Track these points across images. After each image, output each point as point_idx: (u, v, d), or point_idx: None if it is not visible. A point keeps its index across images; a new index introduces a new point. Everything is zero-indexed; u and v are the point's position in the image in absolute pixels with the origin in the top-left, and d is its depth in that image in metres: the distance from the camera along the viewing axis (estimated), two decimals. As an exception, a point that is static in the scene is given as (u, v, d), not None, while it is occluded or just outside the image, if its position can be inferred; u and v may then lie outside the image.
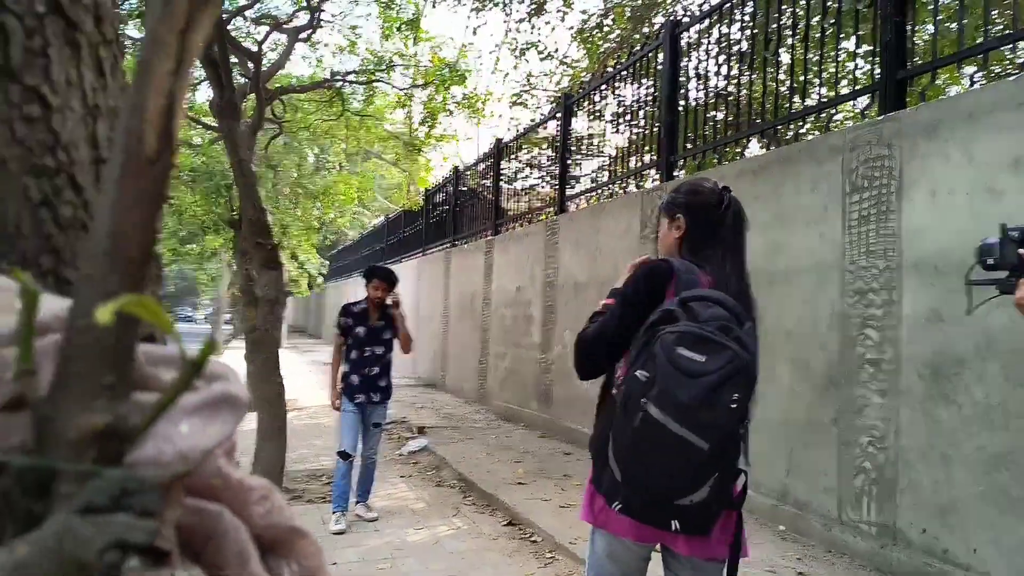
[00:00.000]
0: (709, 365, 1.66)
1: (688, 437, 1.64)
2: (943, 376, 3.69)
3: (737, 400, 1.67)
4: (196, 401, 0.32)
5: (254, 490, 0.38)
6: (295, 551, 0.39)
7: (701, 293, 1.82)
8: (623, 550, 1.95)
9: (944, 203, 3.74)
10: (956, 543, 3.57)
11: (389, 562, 4.18)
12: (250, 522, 0.37)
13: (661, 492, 1.72)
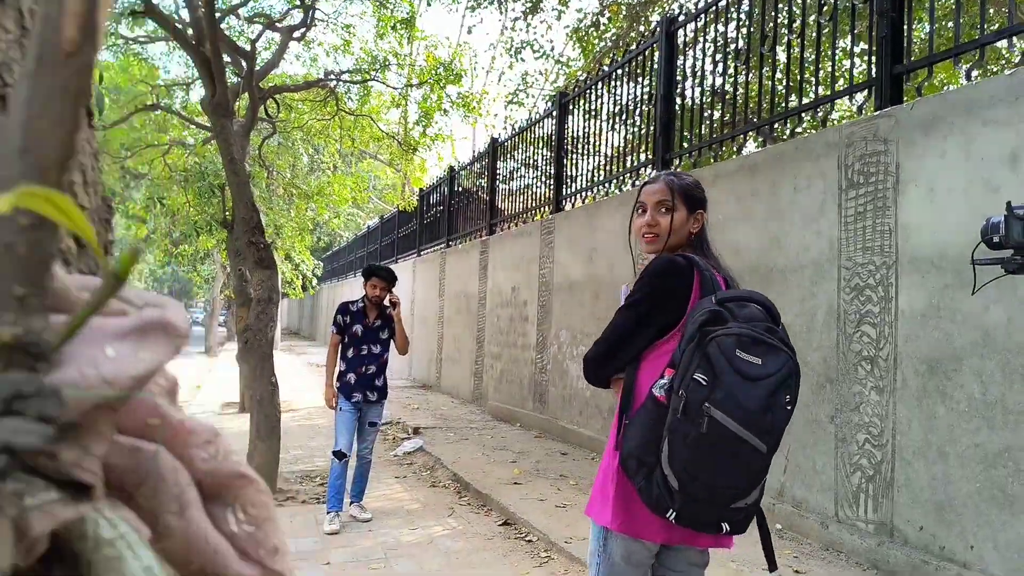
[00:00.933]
0: (768, 368, 1.67)
1: (752, 441, 1.65)
2: (940, 372, 3.67)
3: (790, 401, 1.71)
4: (125, 325, 0.29)
5: (196, 433, 0.34)
6: (241, 498, 0.36)
7: (737, 293, 1.84)
8: (644, 553, 1.94)
9: (941, 199, 3.72)
10: (953, 540, 3.55)
11: (383, 562, 4.14)
12: (191, 466, 0.34)
13: (723, 496, 1.70)
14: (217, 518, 0.35)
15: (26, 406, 0.23)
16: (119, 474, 0.30)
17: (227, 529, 0.35)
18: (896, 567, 3.78)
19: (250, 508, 0.36)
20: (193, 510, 0.32)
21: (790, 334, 4.59)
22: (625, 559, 1.93)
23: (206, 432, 0.35)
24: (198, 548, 0.32)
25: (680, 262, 1.92)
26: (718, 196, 5.46)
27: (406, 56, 12.04)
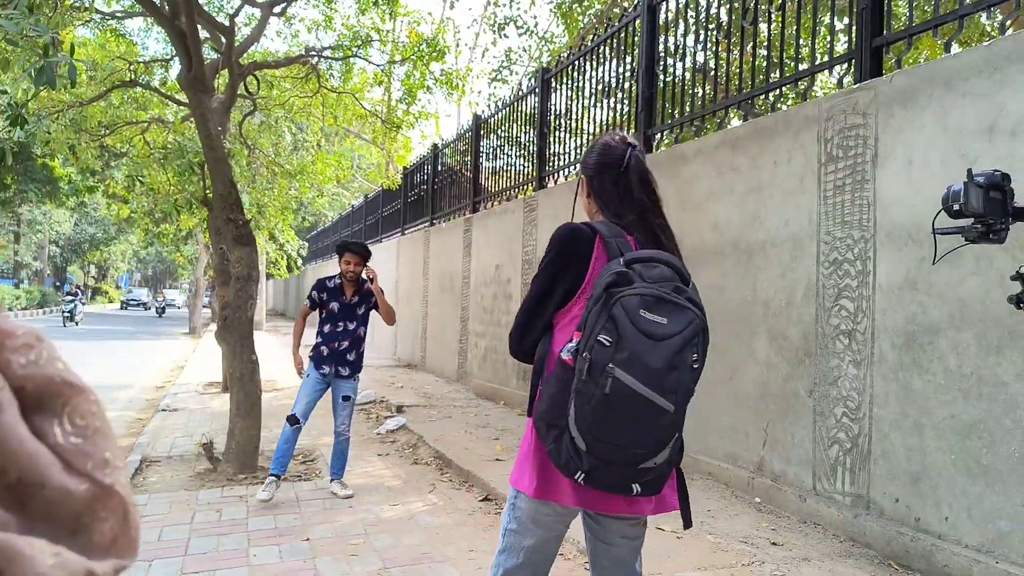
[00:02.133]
0: (672, 327, 1.66)
1: (657, 400, 1.63)
2: (917, 345, 3.68)
3: (697, 360, 1.69)
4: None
5: (15, 336, 0.32)
6: (69, 408, 0.33)
7: (645, 254, 1.79)
8: (552, 515, 1.93)
9: (918, 172, 3.71)
10: (929, 511, 3.58)
11: (363, 538, 4.14)
12: (7, 371, 0.31)
13: (630, 457, 1.69)
14: (40, 429, 0.32)
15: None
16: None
17: (51, 440, 0.32)
18: (872, 539, 3.81)
19: (78, 419, 0.33)
20: (5, 415, 0.30)
21: (770, 309, 4.62)
22: (532, 519, 1.93)
23: (26, 335, 0.32)
24: (13, 456, 0.30)
25: (579, 228, 1.91)
26: (699, 171, 5.44)
27: (389, 32, 11.92)
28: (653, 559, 3.63)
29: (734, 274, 5.00)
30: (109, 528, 0.34)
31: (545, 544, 1.98)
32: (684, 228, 5.58)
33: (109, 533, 0.34)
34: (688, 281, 1.76)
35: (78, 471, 0.33)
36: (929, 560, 3.49)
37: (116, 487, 0.34)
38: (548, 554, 2.00)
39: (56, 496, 0.32)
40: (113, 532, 0.34)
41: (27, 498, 0.31)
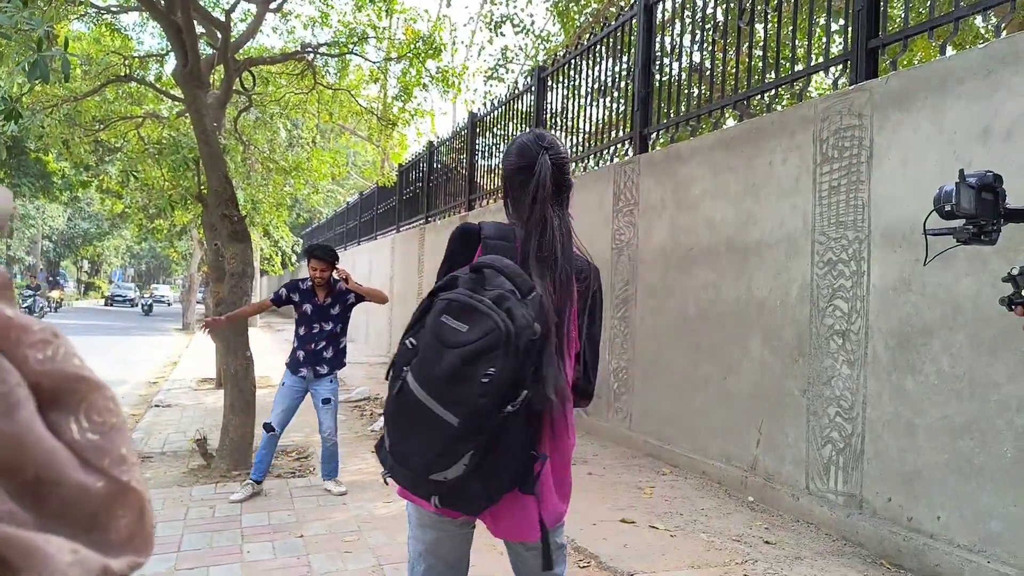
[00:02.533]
0: (469, 335, 1.57)
1: (437, 410, 1.55)
2: (910, 346, 3.70)
3: (492, 376, 1.53)
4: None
5: (31, 332, 0.32)
6: (85, 404, 0.33)
7: (485, 260, 1.71)
8: (426, 517, 1.85)
9: (913, 173, 3.73)
10: (921, 511, 3.60)
11: (357, 534, 4.14)
12: (24, 367, 0.31)
13: (416, 464, 1.63)
14: (57, 425, 0.32)
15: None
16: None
17: (68, 437, 0.32)
18: (864, 538, 3.82)
19: (95, 415, 0.34)
20: (23, 412, 0.30)
21: (764, 309, 4.63)
22: (419, 524, 1.87)
23: (43, 331, 0.33)
24: (31, 453, 0.30)
25: (469, 227, 1.89)
26: (695, 171, 5.45)
27: (385, 29, 11.88)
28: (646, 558, 3.64)
29: (729, 274, 5.01)
30: (125, 525, 0.34)
31: (439, 546, 1.87)
32: (680, 228, 5.59)
33: (125, 530, 0.34)
34: (526, 293, 1.65)
35: (95, 468, 0.33)
36: (921, 559, 3.51)
37: (133, 484, 0.34)
38: (448, 556, 1.89)
39: (73, 494, 0.32)
40: (129, 529, 0.34)
41: (44, 496, 0.31)
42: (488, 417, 1.56)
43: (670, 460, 5.54)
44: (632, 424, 6.14)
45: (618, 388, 6.37)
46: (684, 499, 4.65)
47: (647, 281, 6.01)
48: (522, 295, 1.63)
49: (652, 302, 5.93)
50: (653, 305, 5.91)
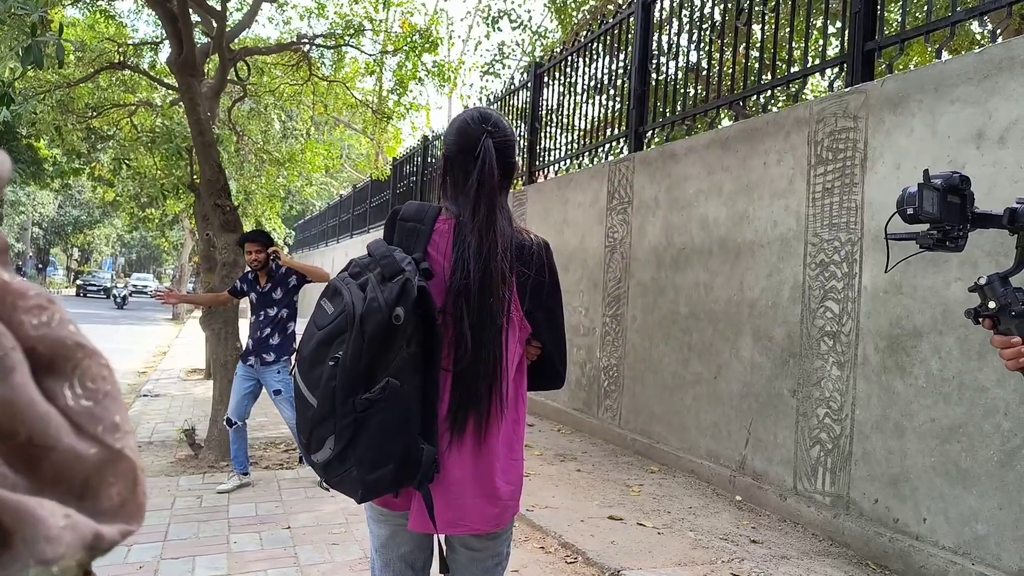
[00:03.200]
0: (329, 317, 1.59)
1: (303, 391, 1.59)
2: (900, 348, 3.71)
3: (338, 359, 1.51)
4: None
5: (27, 296, 0.32)
6: (80, 371, 0.33)
7: (370, 245, 1.70)
8: (372, 511, 1.82)
9: (906, 176, 3.74)
10: (907, 513, 3.62)
11: (343, 527, 4.14)
12: (19, 331, 0.31)
13: (303, 445, 1.65)
14: (51, 391, 0.32)
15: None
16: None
17: (61, 403, 0.32)
18: (850, 539, 3.84)
19: (89, 382, 0.33)
20: (17, 376, 0.30)
21: (756, 309, 4.65)
22: (374, 520, 1.84)
23: (39, 296, 0.32)
24: (24, 418, 0.30)
25: (395, 210, 1.86)
26: (689, 170, 5.46)
27: (381, 22, 11.85)
28: (633, 554, 3.65)
29: (721, 273, 5.02)
30: (117, 493, 0.34)
31: (393, 543, 1.82)
32: (673, 226, 5.60)
33: (117, 498, 0.34)
34: (391, 276, 1.59)
35: (88, 434, 0.32)
36: (906, 561, 3.53)
37: (126, 451, 0.34)
38: (403, 551, 1.82)
39: (66, 459, 0.31)
40: (121, 497, 0.34)
41: (36, 460, 0.31)
42: (341, 402, 1.51)
43: (659, 458, 5.55)
44: (621, 422, 6.15)
45: (608, 386, 6.38)
46: (672, 497, 4.67)
47: (639, 279, 6.02)
48: (384, 279, 1.58)
49: (644, 300, 5.94)
50: (645, 303, 5.92)
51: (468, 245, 1.72)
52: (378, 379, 1.53)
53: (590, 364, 6.68)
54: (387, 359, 1.54)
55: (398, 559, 1.83)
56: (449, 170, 1.86)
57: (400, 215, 1.79)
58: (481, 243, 1.72)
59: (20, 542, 0.28)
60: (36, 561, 0.28)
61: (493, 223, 1.75)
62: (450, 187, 1.86)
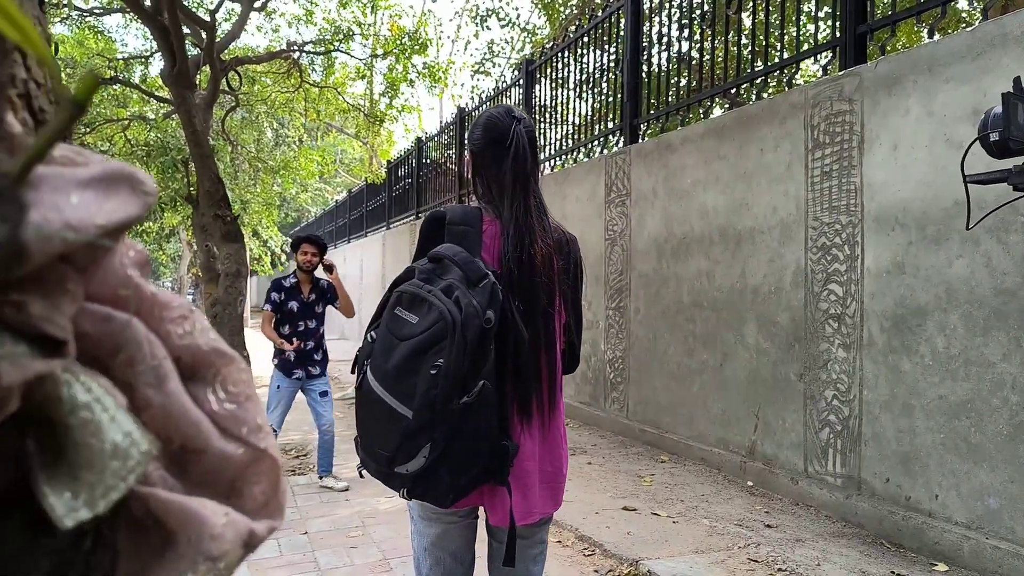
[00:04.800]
0: (417, 327, 1.56)
1: (391, 403, 1.55)
2: (905, 328, 3.74)
3: (440, 368, 1.51)
4: (88, 174, 0.28)
5: (171, 307, 0.34)
6: (221, 376, 0.35)
7: (440, 249, 1.69)
8: (438, 512, 1.83)
9: (904, 156, 3.76)
10: (919, 490, 3.64)
11: (361, 530, 4.16)
12: (167, 341, 0.33)
13: (379, 456, 1.62)
14: (197, 396, 0.34)
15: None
16: (92, 343, 0.29)
17: (208, 407, 0.34)
18: (864, 519, 3.87)
19: (230, 386, 0.35)
20: (171, 384, 0.32)
21: (759, 295, 4.67)
22: (420, 514, 1.86)
23: (181, 306, 0.34)
24: (178, 423, 0.32)
25: (436, 214, 1.84)
26: (686, 160, 5.48)
27: (370, 26, 11.86)
28: (650, 544, 3.67)
29: (723, 261, 5.05)
30: (261, 491, 0.36)
31: (445, 539, 1.85)
32: (672, 217, 5.62)
33: (261, 496, 0.36)
34: (476, 282, 1.61)
35: (234, 436, 0.34)
36: (920, 538, 3.56)
37: (270, 451, 0.36)
38: (456, 550, 1.87)
39: (215, 461, 0.33)
40: (265, 495, 0.36)
41: (188, 464, 0.33)
42: (441, 410, 1.52)
43: (668, 448, 5.58)
44: (629, 413, 6.18)
45: (614, 378, 6.40)
46: (684, 486, 4.70)
47: (641, 271, 6.05)
48: (471, 283, 1.60)
49: (646, 291, 5.97)
50: (647, 294, 5.95)
51: (511, 239, 1.75)
52: (471, 383, 1.55)
53: (595, 357, 6.70)
54: (480, 363, 1.57)
55: (449, 556, 1.87)
56: (479, 167, 1.87)
57: (448, 219, 1.78)
58: (523, 235, 1.76)
59: (185, 541, 0.30)
60: (204, 558, 0.30)
61: (531, 212, 1.79)
62: (481, 185, 1.88)
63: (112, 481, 0.26)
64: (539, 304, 1.75)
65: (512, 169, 1.80)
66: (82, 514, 0.25)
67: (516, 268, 1.73)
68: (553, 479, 1.82)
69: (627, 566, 3.49)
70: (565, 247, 1.88)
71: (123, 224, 0.27)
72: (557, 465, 1.82)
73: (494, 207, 1.82)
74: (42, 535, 0.27)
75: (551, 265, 1.79)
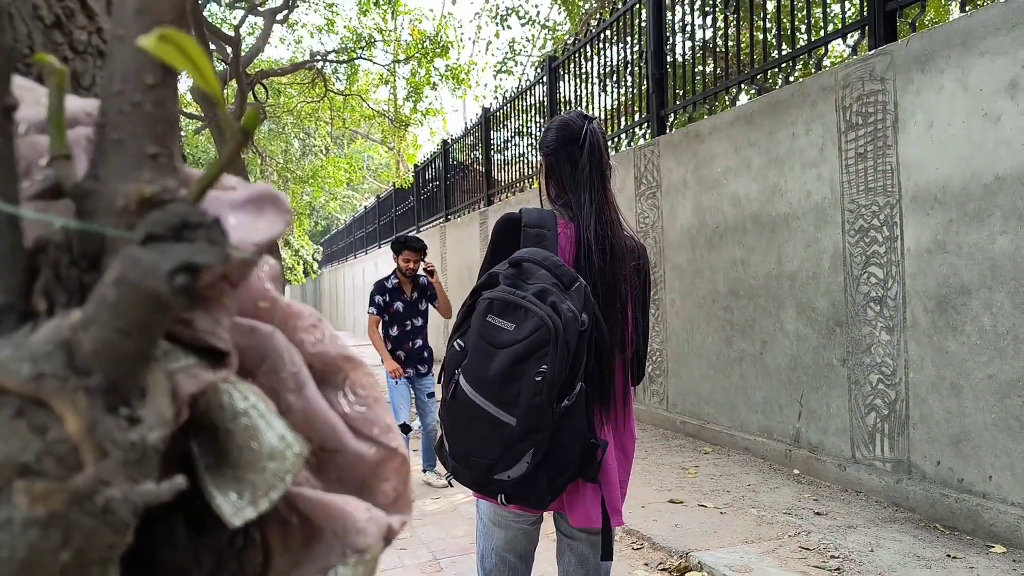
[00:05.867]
0: (517, 334, 1.54)
1: (494, 412, 1.54)
2: (950, 307, 3.68)
3: (544, 374, 1.51)
4: (240, 197, 0.30)
5: (304, 317, 0.35)
6: (350, 381, 0.37)
7: (523, 254, 1.68)
8: (503, 512, 1.85)
9: (940, 133, 3.70)
10: (971, 472, 3.59)
11: (409, 530, 4.20)
12: (301, 349, 0.34)
13: (477, 465, 1.62)
14: (330, 400, 0.35)
15: (196, 234, 0.24)
16: (240, 354, 0.31)
17: (341, 410, 0.36)
18: (915, 503, 3.82)
19: (359, 389, 0.37)
20: (310, 389, 0.33)
21: (796, 282, 4.62)
22: (492, 520, 1.88)
23: (311, 315, 0.36)
24: (316, 425, 0.33)
25: (510, 217, 1.83)
26: (715, 149, 5.45)
27: (391, 31, 11.95)
28: (699, 535, 3.66)
29: (758, 248, 5.01)
30: (392, 488, 0.37)
31: (513, 542, 1.89)
32: (704, 206, 5.59)
33: (392, 493, 0.37)
34: (568, 285, 1.61)
35: (366, 437, 0.36)
36: (975, 520, 3.50)
37: (400, 450, 0.38)
38: (522, 551, 1.92)
39: (350, 461, 0.35)
40: (396, 491, 0.37)
41: (325, 463, 0.35)
42: (545, 414, 1.53)
43: (711, 439, 5.55)
44: (669, 405, 6.16)
45: (653, 371, 6.38)
46: (729, 476, 4.67)
47: (674, 262, 6.02)
48: (564, 286, 1.60)
49: (681, 283, 5.94)
50: (682, 286, 5.92)
51: (594, 232, 1.77)
52: (569, 386, 1.57)
53: (632, 351, 6.68)
54: (577, 366, 1.57)
55: (515, 557, 1.91)
56: (553, 168, 1.89)
57: (524, 222, 1.79)
58: (604, 229, 1.78)
59: (332, 535, 0.32)
60: (352, 551, 0.31)
61: (610, 207, 1.83)
62: (555, 188, 1.90)
63: (272, 481, 0.27)
64: (617, 302, 1.77)
65: (588, 164, 1.82)
66: (247, 513, 0.27)
67: (598, 262, 1.74)
68: (624, 478, 1.86)
69: (677, 558, 3.48)
70: (637, 252, 1.89)
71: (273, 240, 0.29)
72: (626, 466, 1.87)
73: (568, 209, 1.84)
74: (203, 535, 0.28)
75: (626, 264, 1.80)
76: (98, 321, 0.22)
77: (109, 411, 0.21)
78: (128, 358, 0.22)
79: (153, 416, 0.22)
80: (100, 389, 0.21)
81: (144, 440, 0.22)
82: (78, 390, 0.21)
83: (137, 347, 0.22)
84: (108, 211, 0.25)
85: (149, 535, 0.26)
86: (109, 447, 0.21)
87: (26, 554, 0.19)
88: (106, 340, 0.21)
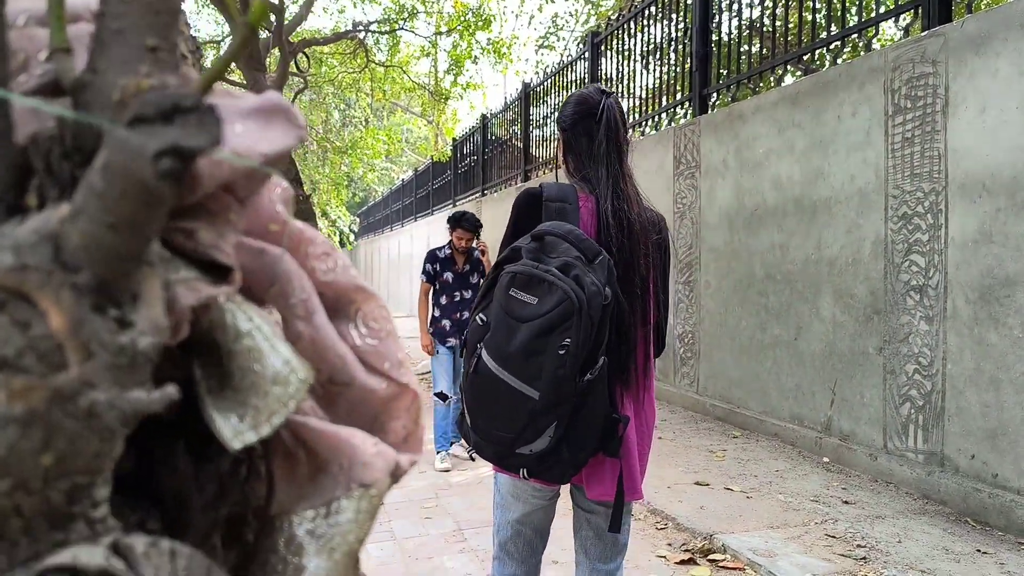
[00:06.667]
0: (540, 308, 1.53)
1: (516, 385, 1.54)
2: (992, 299, 3.59)
3: (568, 347, 1.51)
4: (249, 105, 0.29)
5: (316, 243, 0.35)
6: (362, 312, 0.36)
7: (546, 227, 1.66)
8: (523, 486, 1.85)
9: (993, 119, 3.59)
10: (1007, 467, 3.51)
11: (434, 501, 4.24)
12: (312, 276, 0.34)
13: (500, 439, 1.61)
14: (340, 332, 0.35)
15: (187, 119, 0.23)
16: (247, 276, 0.30)
17: (351, 342, 0.35)
18: (947, 496, 3.76)
19: (372, 322, 0.36)
20: (319, 317, 0.33)
21: (836, 267, 4.54)
22: (512, 494, 1.89)
23: (325, 243, 0.35)
24: (326, 356, 0.33)
25: (531, 191, 1.82)
26: (758, 129, 5.35)
27: (434, 3, 11.88)
28: (724, 519, 3.64)
29: (797, 232, 4.92)
30: (403, 426, 0.37)
31: (530, 516, 1.91)
32: (744, 188, 5.50)
33: (403, 431, 0.37)
34: (592, 259, 1.60)
35: (377, 371, 0.35)
36: (1008, 516, 3.43)
37: (411, 386, 0.37)
38: (538, 525, 1.94)
39: (360, 395, 0.34)
40: (406, 430, 0.37)
41: (335, 396, 0.34)
42: (568, 388, 1.53)
43: (740, 423, 5.51)
44: (700, 388, 6.11)
45: (684, 353, 6.34)
46: (757, 461, 4.63)
47: (711, 244, 5.95)
48: (588, 260, 1.59)
49: (717, 265, 5.87)
50: (718, 268, 5.85)
51: (611, 205, 1.76)
52: (591, 360, 1.57)
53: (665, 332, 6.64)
54: (600, 339, 1.58)
55: (531, 530, 1.94)
56: (571, 142, 1.89)
57: (545, 196, 1.78)
58: (621, 202, 1.78)
59: (337, 468, 0.31)
60: (357, 484, 0.31)
61: (627, 180, 1.82)
62: (573, 162, 1.90)
63: (275, 406, 0.27)
64: (637, 275, 1.76)
65: (605, 139, 1.82)
66: (248, 436, 0.26)
67: (616, 236, 1.74)
68: (643, 452, 1.86)
69: (700, 540, 3.47)
70: (657, 224, 1.89)
71: (282, 153, 0.28)
72: (646, 441, 1.86)
73: (588, 183, 1.83)
74: (205, 461, 0.28)
75: (647, 236, 1.80)
76: (86, 212, 0.21)
77: (96, 311, 0.21)
78: (119, 256, 0.21)
79: (145, 322, 0.22)
80: (88, 287, 0.21)
81: (134, 344, 0.21)
82: (64, 286, 0.20)
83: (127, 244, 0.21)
84: (104, 104, 0.25)
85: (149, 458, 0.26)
86: (95, 348, 0.20)
87: (4, 452, 0.19)
88: (95, 235, 0.21)
